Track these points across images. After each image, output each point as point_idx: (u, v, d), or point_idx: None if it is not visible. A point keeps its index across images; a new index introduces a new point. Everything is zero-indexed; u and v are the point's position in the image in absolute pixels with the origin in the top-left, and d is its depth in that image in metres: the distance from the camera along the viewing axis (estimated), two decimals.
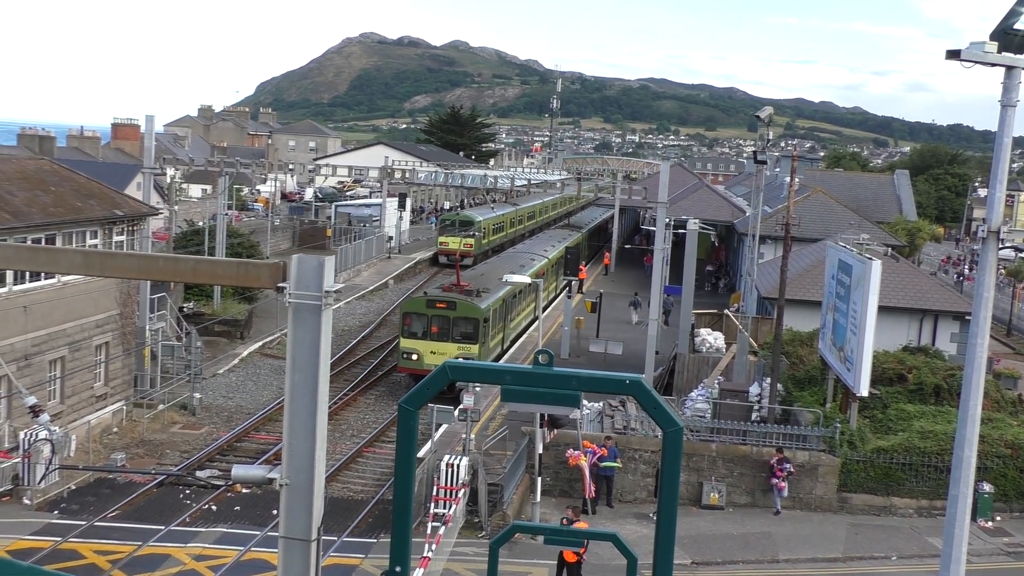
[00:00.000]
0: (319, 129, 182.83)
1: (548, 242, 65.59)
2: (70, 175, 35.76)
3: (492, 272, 47.11)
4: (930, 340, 40.97)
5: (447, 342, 38.71)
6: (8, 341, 29.23)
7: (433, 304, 39.58)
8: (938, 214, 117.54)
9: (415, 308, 40.13)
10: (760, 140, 40.59)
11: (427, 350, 38.57)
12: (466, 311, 39.39)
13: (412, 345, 39.03)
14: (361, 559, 24.21)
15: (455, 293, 40.42)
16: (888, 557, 27.03)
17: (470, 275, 46.42)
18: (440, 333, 39.02)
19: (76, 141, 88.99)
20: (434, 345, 38.59)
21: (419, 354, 38.68)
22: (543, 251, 59.80)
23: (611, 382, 7.76)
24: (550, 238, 69.13)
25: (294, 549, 8.77)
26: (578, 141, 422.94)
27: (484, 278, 44.89)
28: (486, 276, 45.78)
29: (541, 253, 58.79)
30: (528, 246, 64.04)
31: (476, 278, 44.87)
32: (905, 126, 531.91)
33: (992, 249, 14.65)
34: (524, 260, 53.90)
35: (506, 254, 61.15)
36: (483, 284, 42.97)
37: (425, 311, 39.46)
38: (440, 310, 39.30)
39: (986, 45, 13.86)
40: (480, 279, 44.51)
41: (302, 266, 8.58)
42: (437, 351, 37.99)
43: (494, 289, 42.43)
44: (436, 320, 39.23)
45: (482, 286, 42.37)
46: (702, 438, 30.69)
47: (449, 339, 38.85)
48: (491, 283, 43.24)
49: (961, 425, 14.91)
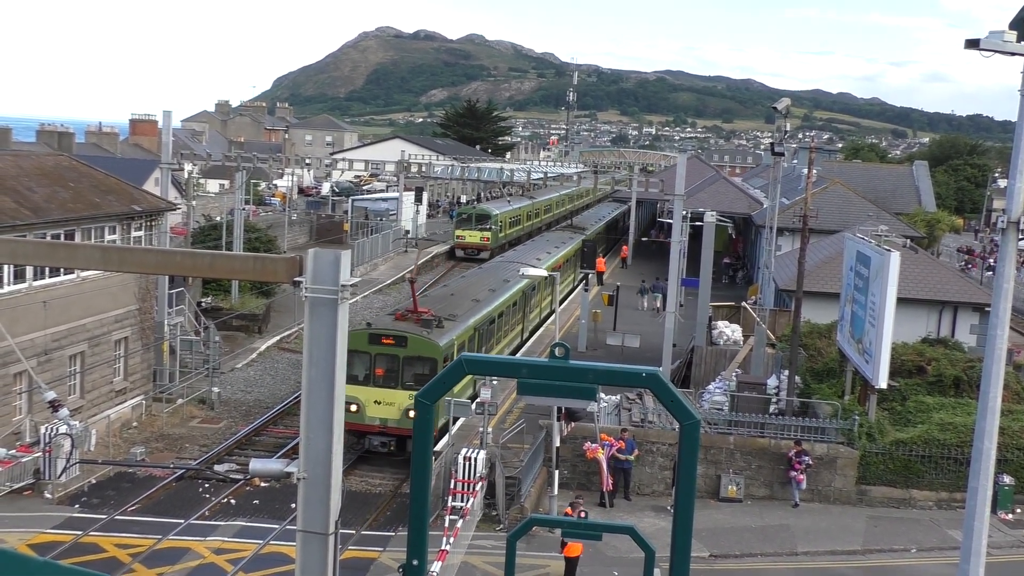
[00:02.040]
0: (336, 124, 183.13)
1: (543, 248, 56.86)
2: (88, 171, 35.93)
3: (466, 290, 39.83)
4: (949, 332, 40.76)
5: (396, 388, 30.07)
6: (28, 336, 29.42)
7: (377, 339, 30.39)
8: (957, 205, 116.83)
9: (354, 344, 28.07)
10: (777, 132, 40.44)
11: (369, 399, 30.06)
12: (420, 348, 30.32)
13: (351, 393, 28.50)
14: (379, 552, 24.29)
15: (410, 323, 31.50)
16: (907, 550, 26.92)
17: (438, 295, 39.54)
18: (387, 377, 30.27)
19: (94, 137, 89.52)
20: (378, 393, 30.10)
21: (359, 404, 29.84)
22: (536, 260, 50.81)
23: (628, 375, 7.75)
24: (547, 243, 60.36)
25: (312, 543, 8.80)
26: (594, 134, 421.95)
27: (454, 300, 37.21)
28: (457, 297, 38.06)
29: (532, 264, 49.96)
30: (519, 254, 54.42)
31: (443, 300, 37.16)
32: (924, 117, 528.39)
33: (1012, 240, 14.54)
34: (510, 274, 44.53)
35: (490, 265, 52.18)
36: (450, 309, 34.97)
37: (367, 348, 30.20)
38: (386, 347, 30.33)
39: (1005, 34, 13.75)
40: (448, 302, 36.61)
41: (319, 260, 8.60)
42: (383, 400, 29.96)
43: (464, 315, 34.84)
44: (381, 360, 30.38)
45: (448, 311, 34.23)
46: (720, 431, 30.62)
47: (399, 384, 30.04)
48: (460, 306, 35.98)
49: (981, 417, 14.82)
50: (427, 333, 30.81)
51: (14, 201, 29.67)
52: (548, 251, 55.49)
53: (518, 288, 42.77)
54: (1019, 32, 13.72)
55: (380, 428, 30.09)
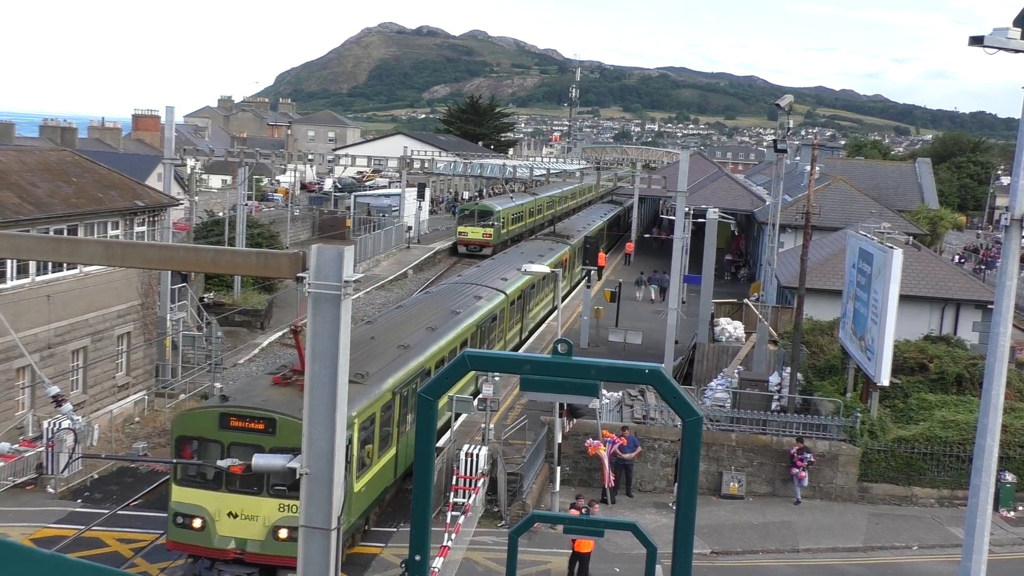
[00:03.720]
0: (338, 119, 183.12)
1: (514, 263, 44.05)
2: (91, 166, 35.96)
3: (396, 330, 29.73)
4: (952, 329, 40.74)
5: (260, 495, 20.58)
6: (31, 331, 29.46)
7: (227, 422, 20.63)
8: (960, 202, 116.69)
9: (198, 427, 21.00)
10: (780, 129, 40.43)
11: (221, 510, 20.66)
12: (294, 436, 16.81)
13: (193, 500, 20.80)
14: (381, 548, 24.31)
15: (292, 390, 21.31)
16: (909, 547, 26.93)
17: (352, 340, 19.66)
18: (247, 478, 19.96)
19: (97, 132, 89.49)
20: (234, 501, 20.65)
21: (205, 519, 20.61)
22: (501, 281, 41.48)
23: (630, 371, 7.75)
24: (521, 256, 49.04)
25: (314, 538, 8.82)
26: (597, 130, 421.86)
27: (372, 347, 26.68)
28: (378, 341, 27.53)
29: (494, 287, 40.18)
30: (482, 273, 44.05)
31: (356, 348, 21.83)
32: (927, 114, 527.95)
33: (1015, 237, 14.52)
34: (463, 302, 36.17)
35: (441, 290, 41.21)
36: (362, 362, 24.18)
37: (216, 435, 20.71)
38: (246, 433, 20.47)
39: (1009, 31, 13.73)
40: (363, 350, 25.53)
41: (321, 256, 8.62)
42: (241, 512, 20.56)
43: (380, 372, 24.82)
44: (239, 453, 19.40)
45: (357, 367, 22.72)
46: (722, 428, 30.64)
47: (264, 489, 20.54)
48: (378, 358, 25.77)
49: (983, 414, 14.81)
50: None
51: (17, 196, 29.70)
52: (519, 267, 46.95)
53: (470, 322, 33.90)
54: (1023, 29, 13.69)
55: (236, 553, 20.64)
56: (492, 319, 37.41)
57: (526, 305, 44.51)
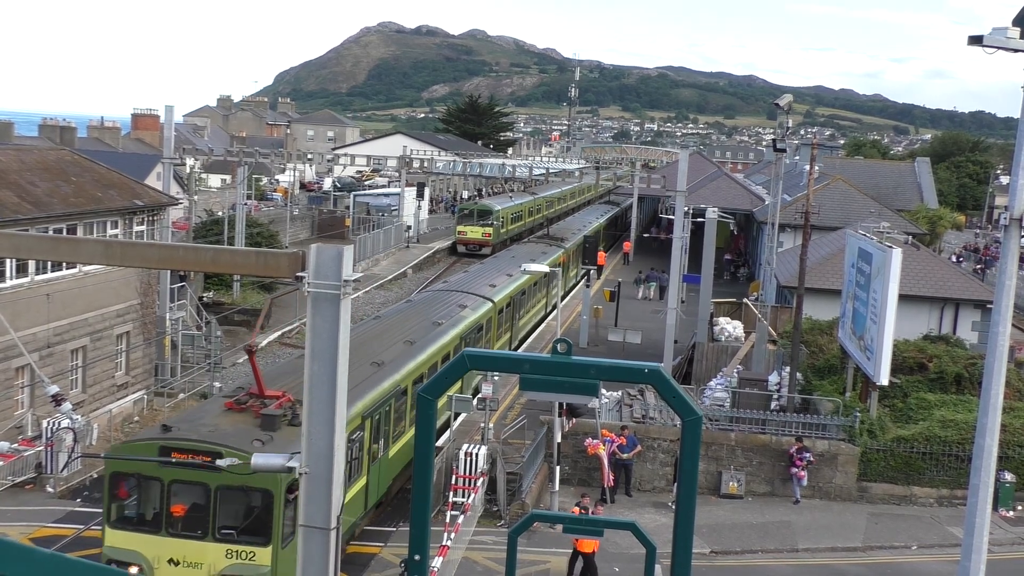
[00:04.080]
0: (338, 119, 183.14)
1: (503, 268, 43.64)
2: (91, 165, 35.95)
3: (370, 343, 27.28)
4: (951, 329, 40.74)
5: (205, 539, 18.45)
6: (31, 330, 29.45)
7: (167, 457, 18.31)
8: (959, 202, 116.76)
9: (136, 464, 18.76)
10: (779, 128, 40.43)
11: (161, 556, 18.45)
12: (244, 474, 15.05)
13: (129, 545, 18.67)
14: (380, 547, 24.31)
15: (246, 417, 19.50)
16: (908, 547, 26.94)
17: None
18: (189, 520, 18.68)
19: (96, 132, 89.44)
20: (176, 547, 18.46)
21: (143, 567, 18.34)
22: (488, 287, 39.30)
23: (630, 371, 7.75)
24: (513, 260, 46.36)
25: (314, 537, 8.82)
26: (596, 130, 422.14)
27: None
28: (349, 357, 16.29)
29: (481, 294, 37.89)
30: (469, 279, 41.70)
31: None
32: (926, 113, 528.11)
33: (1014, 237, 14.52)
34: (446, 311, 33.84)
35: (425, 297, 38.84)
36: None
37: (156, 472, 18.51)
38: (189, 470, 18.34)
39: (1008, 31, 13.72)
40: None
41: (321, 256, 8.61)
42: (184, 559, 18.38)
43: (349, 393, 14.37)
44: (181, 492, 18.73)
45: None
46: (721, 427, 30.64)
47: (209, 533, 18.43)
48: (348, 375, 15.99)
49: (982, 414, 14.82)
50: (261, 445, 18.01)
51: (16, 195, 29.70)
52: (510, 272, 42.52)
53: (453, 334, 31.76)
54: (1022, 29, 13.69)
55: None
56: (478, 329, 34.89)
57: (516, 313, 42.08)
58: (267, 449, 17.51)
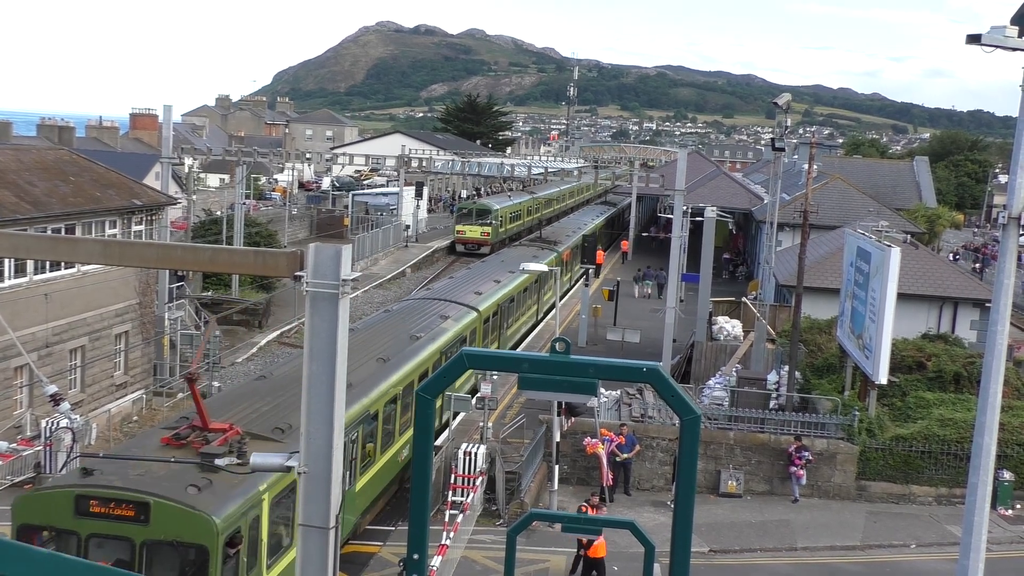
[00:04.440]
0: (336, 118, 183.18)
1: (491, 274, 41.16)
2: (89, 165, 35.93)
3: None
4: (950, 327, 40.77)
5: None
6: (29, 330, 29.44)
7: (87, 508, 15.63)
8: (958, 201, 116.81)
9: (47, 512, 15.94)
10: (778, 127, 40.45)
11: None
12: (176, 526, 15.25)
13: None
14: (379, 546, 24.31)
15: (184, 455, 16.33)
16: (907, 545, 26.94)
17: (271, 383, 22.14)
18: None
19: (95, 131, 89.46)
20: None
21: None
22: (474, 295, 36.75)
23: (629, 370, 7.75)
24: (502, 264, 44.08)
25: (312, 536, 8.82)
26: (595, 129, 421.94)
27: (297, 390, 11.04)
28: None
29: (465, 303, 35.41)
30: (453, 286, 38.86)
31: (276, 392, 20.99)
32: (925, 112, 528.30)
33: (1012, 236, 14.54)
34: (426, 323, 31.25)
35: (404, 306, 34.98)
36: (280, 413, 19.51)
37: (71, 524, 15.65)
38: (110, 522, 15.54)
39: (1007, 30, 13.73)
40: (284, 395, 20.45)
41: (319, 255, 8.61)
42: None
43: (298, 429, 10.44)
44: (100, 548, 15.65)
45: (275, 420, 19.15)
46: (720, 426, 30.63)
47: None
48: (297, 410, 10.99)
49: (981, 412, 14.83)
50: (195, 492, 15.63)
51: (15, 195, 29.68)
52: (497, 278, 40.48)
53: (432, 349, 28.86)
54: (1021, 27, 13.70)
55: None
56: (460, 342, 32.01)
57: (504, 322, 39.42)
58: (203, 497, 15.51)
